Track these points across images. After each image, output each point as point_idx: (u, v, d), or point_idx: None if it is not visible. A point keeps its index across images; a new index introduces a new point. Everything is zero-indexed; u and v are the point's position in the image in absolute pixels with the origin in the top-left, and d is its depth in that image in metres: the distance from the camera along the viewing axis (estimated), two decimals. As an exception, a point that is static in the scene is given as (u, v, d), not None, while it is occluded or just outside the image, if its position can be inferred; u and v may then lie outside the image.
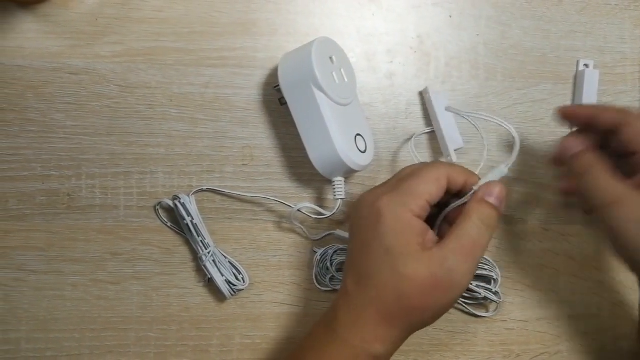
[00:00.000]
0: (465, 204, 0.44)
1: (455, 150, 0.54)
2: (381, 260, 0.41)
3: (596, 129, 0.47)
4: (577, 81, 0.58)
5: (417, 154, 0.55)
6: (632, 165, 0.46)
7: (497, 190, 0.43)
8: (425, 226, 0.42)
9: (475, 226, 0.42)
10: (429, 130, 0.56)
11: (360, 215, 0.43)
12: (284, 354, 0.54)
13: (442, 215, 0.46)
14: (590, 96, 0.57)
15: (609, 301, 0.58)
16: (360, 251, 0.42)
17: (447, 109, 0.53)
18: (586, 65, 0.58)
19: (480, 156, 0.51)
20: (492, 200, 0.43)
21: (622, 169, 0.46)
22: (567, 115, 0.50)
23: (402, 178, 0.44)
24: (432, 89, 0.55)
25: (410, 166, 0.47)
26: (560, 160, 0.48)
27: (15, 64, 0.51)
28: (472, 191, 0.44)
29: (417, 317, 0.41)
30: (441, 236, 0.43)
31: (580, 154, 0.46)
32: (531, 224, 0.57)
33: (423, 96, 0.56)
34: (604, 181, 0.44)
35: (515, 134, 0.45)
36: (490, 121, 0.47)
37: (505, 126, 0.46)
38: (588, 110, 0.48)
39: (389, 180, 0.46)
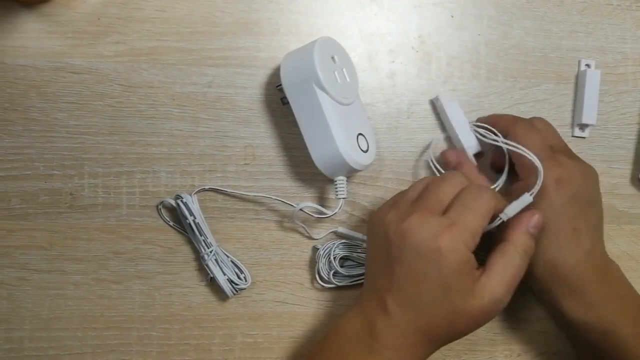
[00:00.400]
0: (502, 230, 0.46)
1: (475, 155, 0.54)
2: (438, 293, 0.43)
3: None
4: (579, 81, 0.58)
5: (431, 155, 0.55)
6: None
7: (536, 220, 0.46)
8: (473, 258, 0.44)
9: (519, 257, 0.45)
10: (444, 137, 0.56)
11: (411, 245, 0.43)
12: (286, 353, 0.54)
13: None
14: (591, 96, 0.57)
15: (610, 301, 0.58)
16: (411, 280, 0.43)
17: (472, 126, 0.54)
18: (588, 65, 0.58)
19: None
20: (532, 230, 0.46)
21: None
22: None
23: (455, 208, 0.44)
24: (443, 96, 0.55)
25: (447, 183, 0.46)
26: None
27: (17, 63, 0.51)
28: (500, 220, 0.45)
29: (453, 338, 0.45)
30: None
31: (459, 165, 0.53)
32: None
33: (434, 104, 0.56)
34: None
35: (539, 164, 0.47)
36: (514, 149, 0.49)
37: (529, 156, 0.47)
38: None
39: (427, 200, 0.46)
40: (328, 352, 0.46)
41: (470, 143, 0.54)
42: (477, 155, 0.54)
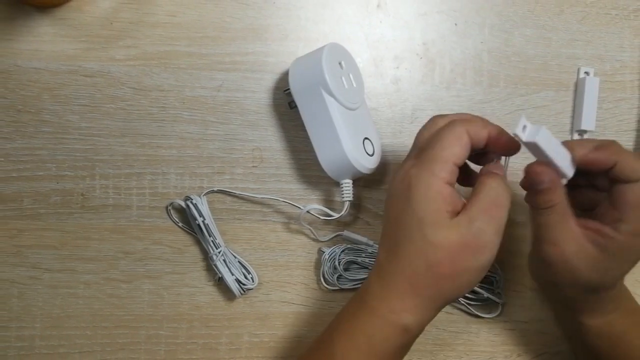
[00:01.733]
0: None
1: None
2: (412, 230, 0.41)
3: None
4: (578, 88, 0.59)
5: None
6: (600, 197, 0.47)
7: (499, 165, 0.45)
8: (454, 192, 0.42)
9: (492, 188, 0.42)
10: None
11: (392, 190, 0.44)
12: (291, 352, 0.55)
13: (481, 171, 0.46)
14: (590, 103, 0.58)
15: (607, 303, 0.59)
16: (393, 223, 0.43)
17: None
18: (587, 73, 0.59)
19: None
20: (497, 171, 0.44)
21: (580, 197, 0.48)
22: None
23: (423, 146, 0.44)
24: (530, 125, 0.43)
25: (425, 128, 0.46)
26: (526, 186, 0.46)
27: (31, 66, 0.52)
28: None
29: (447, 286, 0.42)
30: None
31: (548, 191, 0.44)
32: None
33: (519, 137, 0.43)
34: (560, 225, 0.45)
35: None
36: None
37: None
38: (590, 158, 0.45)
39: (410, 152, 0.46)
40: (335, 316, 0.47)
41: (569, 173, 0.46)
42: None
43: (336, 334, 0.44)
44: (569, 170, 0.45)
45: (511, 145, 0.44)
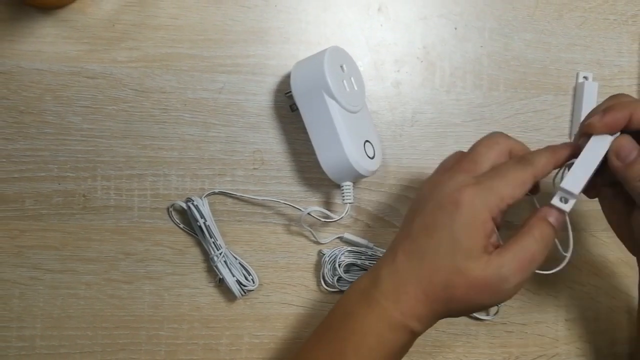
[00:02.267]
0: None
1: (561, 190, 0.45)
2: (444, 246, 0.41)
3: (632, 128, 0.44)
4: (577, 93, 0.60)
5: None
6: None
7: (556, 214, 0.44)
8: (495, 230, 0.43)
9: (535, 242, 0.42)
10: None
11: (435, 196, 0.43)
12: (291, 353, 0.55)
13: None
14: (589, 107, 0.59)
15: (605, 306, 0.60)
16: (424, 229, 0.43)
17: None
18: (585, 78, 0.60)
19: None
20: (552, 219, 0.44)
21: None
22: (604, 128, 0.45)
23: (487, 172, 0.43)
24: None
25: (485, 145, 0.45)
26: (614, 165, 0.44)
27: (34, 67, 0.53)
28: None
29: (455, 308, 0.43)
30: None
31: (638, 160, 0.43)
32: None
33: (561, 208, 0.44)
34: None
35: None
36: None
37: None
38: (623, 114, 0.44)
39: (461, 162, 0.45)
40: (337, 307, 0.46)
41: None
42: None
43: (343, 332, 0.44)
44: (576, 184, 0.43)
45: None
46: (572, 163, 0.44)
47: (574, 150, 0.45)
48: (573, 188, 0.43)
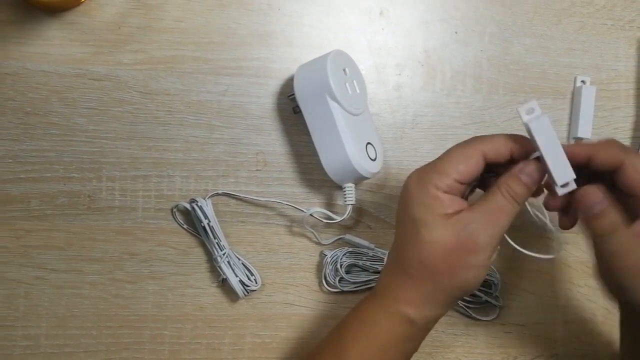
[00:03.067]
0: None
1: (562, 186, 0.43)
2: (408, 227, 0.44)
3: (592, 169, 0.44)
4: (575, 96, 0.61)
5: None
6: (632, 207, 0.43)
7: (530, 168, 0.43)
8: (454, 198, 0.43)
9: (504, 198, 0.43)
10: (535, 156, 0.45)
11: (400, 195, 0.46)
12: (294, 353, 0.56)
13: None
14: (586, 111, 0.60)
15: (602, 307, 0.60)
16: (397, 224, 0.46)
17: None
18: (583, 82, 0.61)
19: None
20: (523, 176, 0.43)
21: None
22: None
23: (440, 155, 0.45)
24: (537, 112, 0.43)
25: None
26: (580, 215, 0.44)
27: (40, 69, 0.53)
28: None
29: (445, 282, 0.43)
30: None
31: (604, 213, 0.42)
32: (529, 232, 0.59)
33: (520, 114, 0.43)
34: (626, 241, 0.43)
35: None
36: None
37: None
38: (584, 150, 0.44)
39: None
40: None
41: (561, 172, 0.43)
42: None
43: (347, 319, 0.47)
44: (563, 174, 0.42)
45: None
46: (537, 157, 0.43)
47: (524, 139, 0.44)
48: (566, 177, 0.42)
